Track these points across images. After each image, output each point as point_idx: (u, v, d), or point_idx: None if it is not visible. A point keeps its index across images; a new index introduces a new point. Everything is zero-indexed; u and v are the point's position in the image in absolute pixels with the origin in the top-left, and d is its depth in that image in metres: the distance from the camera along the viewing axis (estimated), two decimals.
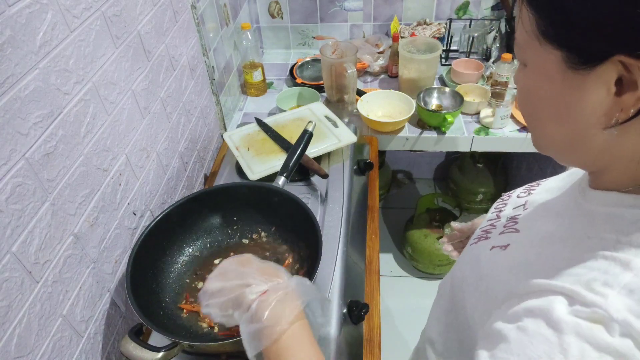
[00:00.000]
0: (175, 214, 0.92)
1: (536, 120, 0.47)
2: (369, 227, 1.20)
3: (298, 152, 1.00)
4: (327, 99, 1.59)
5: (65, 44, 0.70)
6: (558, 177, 0.64)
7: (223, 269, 0.58)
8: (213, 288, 0.55)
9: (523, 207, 0.62)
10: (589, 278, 0.40)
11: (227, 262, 0.59)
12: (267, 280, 0.53)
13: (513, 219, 0.60)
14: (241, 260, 0.59)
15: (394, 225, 2.32)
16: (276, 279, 0.54)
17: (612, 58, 0.36)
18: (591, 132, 0.41)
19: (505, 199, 0.69)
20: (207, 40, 1.29)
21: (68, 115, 0.72)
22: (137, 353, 0.70)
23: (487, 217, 0.69)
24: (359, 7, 1.83)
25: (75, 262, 0.75)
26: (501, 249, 0.54)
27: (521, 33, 0.42)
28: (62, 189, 0.71)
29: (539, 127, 0.47)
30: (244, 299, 0.51)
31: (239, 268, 0.56)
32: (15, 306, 0.62)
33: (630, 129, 0.39)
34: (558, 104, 0.42)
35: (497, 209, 0.67)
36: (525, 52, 0.43)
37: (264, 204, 0.96)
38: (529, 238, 0.53)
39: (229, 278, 0.55)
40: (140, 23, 0.93)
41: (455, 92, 1.51)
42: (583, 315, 0.39)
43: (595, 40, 0.36)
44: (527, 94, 0.46)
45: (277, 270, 0.57)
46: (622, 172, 0.44)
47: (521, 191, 0.67)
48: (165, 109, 1.06)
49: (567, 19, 0.37)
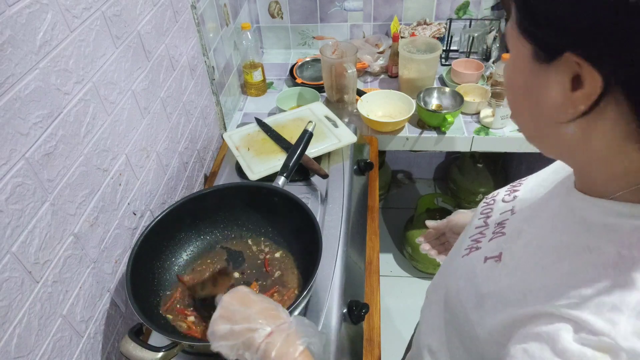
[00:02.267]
0: (175, 214, 0.92)
1: (515, 110, 0.48)
2: (369, 227, 1.20)
3: (298, 152, 1.00)
4: (327, 99, 1.59)
5: (65, 44, 0.70)
6: (539, 176, 0.63)
7: (227, 310, 0.61)
8: (221, 331, 0.59)
9: (511, 212, 0.61)
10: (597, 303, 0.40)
11: (228, 301, 0.62)
12: (270, 323, 0.58)
13: (501, 225, 0.60)
14: (242, 298, 0.62)
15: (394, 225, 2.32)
16: (278, 320, 0.59)
17: (565, 54, 0.37)
18: (557, 126, 0.42)
19: (490, 203, 0.68)
20: (207, 40, 1.29)
21: (68, 115, 0.72)
22: (137, 353, 0.70)
23: (473, 223, 0.67)
24: (359, 7, 1.83)
25: (75, 262, 0.75)
26: (495, 262, 0.54)
27: (510, 23, 0.44)
28: (62, 189, 0.71)
29: (519, 117, 0.48)
30: (252, 342, 0.56)
31: (242, 309, 0.60)
32: (15, 306, 0.62)
33: (593, 129, 0.40)
34: (529, 95, 0.44)
35: (484, 215, 0.66)
36: (509, 42, 0.45)
37: (264, 204, 0.96)
38: (521, 244, 0.53)
39: (236, 321, 0.59)
40: (140, 23, 0.93)
41: (455, 92, 1.51)
42: (590, 344, 0.38)
43: (552, 36, 0.38)
44: (507, 82, 0.47)
45: (278, 311, 0.61)
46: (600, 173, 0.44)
47: (505, 193, 0.66)
48: (165, 109, 1.06)
49: (532, 14, 0.39)
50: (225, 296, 0.62)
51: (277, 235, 0.98)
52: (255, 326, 0.57)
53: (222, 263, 0.94)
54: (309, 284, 0.76)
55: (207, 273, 0.92)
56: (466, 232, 0.68)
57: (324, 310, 0.88)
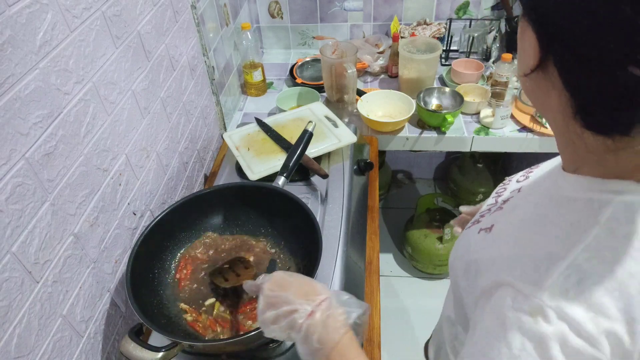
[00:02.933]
0: (176, 214, 0.92)
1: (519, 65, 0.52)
2: (369, 227, 1.20)
3: (298, 152, 1.00)
4: (327, 99, 1.59)
5: (65, 44, 0.70)
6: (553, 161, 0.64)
7: (269, 298, 0.61)
8: (269, 317, 0.60)
9: (518, 191, 0.63)
10: (532, 267, 0.44)
11: (268, 288, 0.63)
12: (310, 301, 0.59)
13: (505, 202, 0.62)
14: (280, 283, 0.63)
15: (394, 225, 2.32)
16: (317, 297, 0.59)
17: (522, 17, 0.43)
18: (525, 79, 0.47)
19: (506, 183, 0.70)
20: (207, 40, 1.29)
21: (68, 115, 0.72)
22: (137, 353, 0.70)
23: (488, 201, 0.70)
24: (359, 7, 1.83)
25: (75, 262, 0.75)
26: (486, 232, 0.57)
27: None
28: (62, 189, 0.71)
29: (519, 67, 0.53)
30: (295, 323, 0.58)
31: (282, 293, 0.61)
32: (15, 306, 0.62)
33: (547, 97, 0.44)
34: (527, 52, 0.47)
35: (497, 194, 0.68)
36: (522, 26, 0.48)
37: (264, 204, 0.96)
38: (510, 220, 0.56)
39: (279, 305, 0.60)
40: (140, 23, 0.93)
41: (455, 92, 1.51)
42: (524, 308, 0.42)
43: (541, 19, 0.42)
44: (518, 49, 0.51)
45: (315, 287, 0.62)
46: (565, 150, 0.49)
47: (520, 175, 0.69)
48: (165, 109, 1.06)
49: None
50: (265, 285, 0.63)
51: (277, 235, 0.98)
52: (296, 307, 0.58)
53: None
54: None
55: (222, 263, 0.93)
56: (480, 210, 0.70)
57: None
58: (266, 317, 0.61)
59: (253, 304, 0.87)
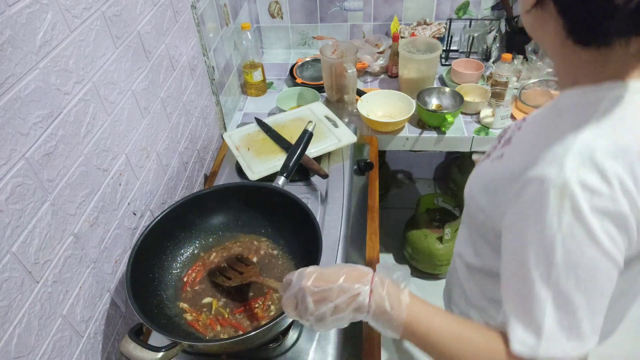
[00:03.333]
0: (176, 214, 0.92)
1: None
2: (369, 227, 1.20)
3: (298, 152, 1.00)
4: (327, 99, 1.59)
5: (65, 44, 0.70)
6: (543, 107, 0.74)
7: (317, 294, 0.62)
8: (327, 311, 0.61)
9: (517, 129, 0.69)
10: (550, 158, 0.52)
11: (309, 287, 0.62)
12: (364, 282, 0.61)
13: (508, 140, 0.68)
14: (321, 278, 0.63)
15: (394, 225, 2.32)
16: (367, 276, 0.62)
17: None
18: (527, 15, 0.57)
19: (507, 128, 0.76)
20: (207, 40, 1.29)
21: (68, 115, 0.72)
22: (137, 353, 0.70)
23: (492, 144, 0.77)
24: (359, 7, 1.83)
25: (75, 262, 0.75)
26: (499, 160, 0.65)
27: None
28: (62, 189, 0.71)
29: None
30: (361, 305, 0.60)
31: (331, 286, 0.61)
32: (15, 306, 0.62)
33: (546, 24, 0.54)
34: None
35: (499, 136, 0.75)
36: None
37: (264, 204, 0.96)
38: (517, 144, 0.64)
39: (334, 298, 0.61)
40: (140, 23, 0.93)
41: (455, 92, 1.51)
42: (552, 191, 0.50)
43: None
44: None
45: (358, 269, 0.63)
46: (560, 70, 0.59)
47: (518, 121, 0.75)
48: (165, 109, 1.06)
49: None
50: (306, 285, 0.62)
51: (277, 235, 0.98)
52: (357, 291, 0.60)
53: None
54: None
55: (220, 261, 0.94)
56: (487, 151, 0.77)
57: None
58: (322, 312, 0.61)
59: (252, 303, 0.87)
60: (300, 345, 0.83)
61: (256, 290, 0.89)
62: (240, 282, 0.85)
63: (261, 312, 0.86)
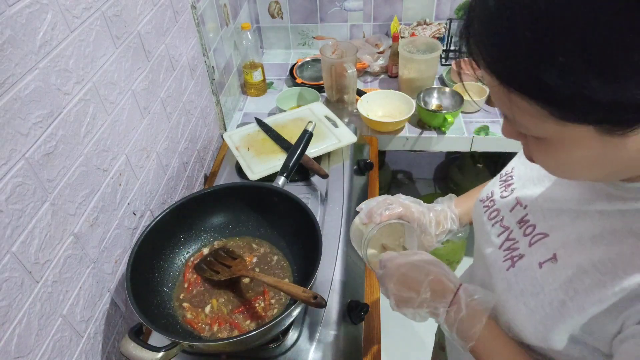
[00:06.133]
0: (176, 214, 0.92)
1: (567, 173, 0.48)
2: None
3: (298, 152, 1.00)
4: (327, 99, 1.59)
5: (65, 44, 0.70)
6: (527, 164, 0.63)
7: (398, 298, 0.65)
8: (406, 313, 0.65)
9: (522, 207, 0.61)
10: None
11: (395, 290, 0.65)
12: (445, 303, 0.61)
13: (524, 222, 0.60)
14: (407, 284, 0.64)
15: None
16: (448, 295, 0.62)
17: None
18: (631, 164, 0.44)
19: (490, 205, 0.68)
20: (207, 40, 1.29)
21: (68, 115, 0.72)
22: (137, 353, 0.70)
23: (487, 230, 0.66)
24: (359, 7, 1.83)
25: (75, 262, 0.75)
26: (552, 262, 0.53)
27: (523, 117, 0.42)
28: (62, 189, 0.71)
29: (570, 175, 0.49)
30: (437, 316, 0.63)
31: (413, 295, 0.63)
32: (15, 306, 0.62)
33: None
34: (596, 161, 0.43)
35: (494, 219, 0.65)
36: (540, 132, 0.43)
37: (264, 204, 0.96)
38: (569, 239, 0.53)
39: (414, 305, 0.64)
40: (140, 23, 0.93)
41: (455, 92, 1.51)
42: None
43: (626, 113, 0.37)
44: (554, 160, 0.47)
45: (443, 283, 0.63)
46: None
47: (500, 190, 0.68)
48: (165, 109, 1.06)
49: (590, 103, 0.37)
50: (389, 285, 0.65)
51: (277, 235, 0.98)
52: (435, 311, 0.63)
53: None
54: (309, 284, 0.76)
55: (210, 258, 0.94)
56: (486, 241, 0.66)
57: (324, 311, 0.88)
58: (403, 311, 0.65)
59: (252, 302, 0.87)
60: (300, 345, 0.83)
61: (256, 289, 0.89)
62: (230, 276, 0.86)
63: (261, 311, 0.86)
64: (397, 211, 0.77)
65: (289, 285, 0.76)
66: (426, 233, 0.79)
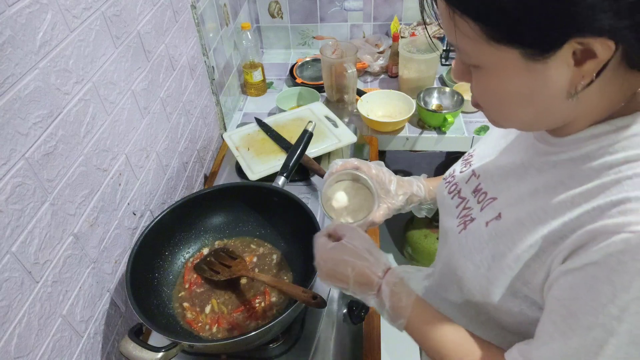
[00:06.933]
0: (175, 214, 0.92)
1: (501, 109, 0.51)
2: None
3: (298, 152, 1.00)
4: (327, 99, 1.59)
5: (65, 44, 0.70)
6: (485, 143, 0.69)
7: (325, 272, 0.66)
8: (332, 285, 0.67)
9: (475, 177, 0.65)
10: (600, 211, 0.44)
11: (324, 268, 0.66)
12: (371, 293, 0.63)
13: (477, 191, 0.64)
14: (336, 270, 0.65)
15: (394, 225, 2.32)
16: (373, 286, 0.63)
17: (570, 42, 0.40)
18: (555, 104, 0.46)
19: (451, 180, 0.72)
20: (207, 40, 1.29)
21: (68, 115, 0.72)
22: (137, 353, 0.70)
23: (447, 203, 0.70)
24: (359, 7, 1.83)
25: (75, 262, 0.75)
26: (497, 220, 0.57)
27: (464, 41, 0.46)
28: (62, 189, 0.71)
29: (504, 113, 0.51)
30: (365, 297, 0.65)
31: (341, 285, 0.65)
32: (15, 306, 0.62)
33: (588, 92, 0.44)
34: (523, 91, 0.46)
35: (454, 192, 0.69)
36: (477, 57, 0.47)
37: (264, 204, 0.96)
38: (512, 198, 0.57)
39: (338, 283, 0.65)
40: (140, 23, 0.93)
41: (456, 92, 1.51)
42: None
43: (548, 33, 0.40)
44: (488, 91, 0.50)
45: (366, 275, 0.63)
46: (583, 122, 0.49)
47: (460, 167, 0.71)
48: (165, 109, 1.06)
49: (515, 22, 0.41)
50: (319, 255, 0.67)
51: (277, 235, 0.98)
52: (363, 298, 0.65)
53: None
54: (309, 284, 0.76)
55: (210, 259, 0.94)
56: (447, 214, 0.70)
57: (324, 311, 0.88)
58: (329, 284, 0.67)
59: (252, 302, 0.87)
60: (300, 345, 0.83)
61: (256, 289, 0.89)
62: (230, 276, 0.86)
63: (261, 311, 0.86)
64: (353, 164, 0.80)
65: (289, 286, 0.76)
66: (385, 190, 0.80)
